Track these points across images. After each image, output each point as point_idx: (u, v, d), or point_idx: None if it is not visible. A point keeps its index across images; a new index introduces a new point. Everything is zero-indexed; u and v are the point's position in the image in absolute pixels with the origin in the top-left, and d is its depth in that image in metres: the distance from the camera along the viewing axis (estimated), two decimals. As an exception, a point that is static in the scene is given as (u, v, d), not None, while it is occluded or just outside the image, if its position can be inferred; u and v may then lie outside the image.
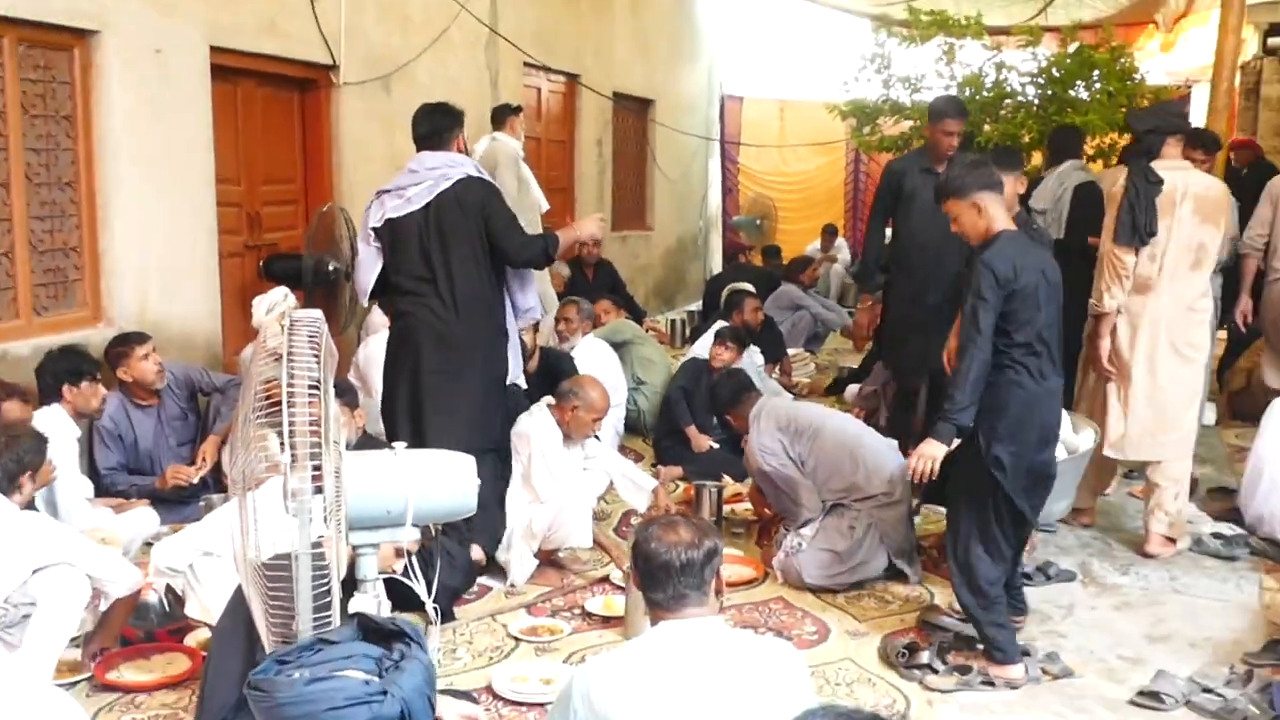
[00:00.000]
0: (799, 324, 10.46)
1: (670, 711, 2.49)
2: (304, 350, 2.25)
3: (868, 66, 11.67)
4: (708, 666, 2.56)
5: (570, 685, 2.62)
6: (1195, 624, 4.78)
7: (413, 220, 4.93)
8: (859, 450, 5.20)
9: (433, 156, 5.05)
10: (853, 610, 4.88)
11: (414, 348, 4.95)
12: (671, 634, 2.62)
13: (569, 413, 5.11)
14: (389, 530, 2.42)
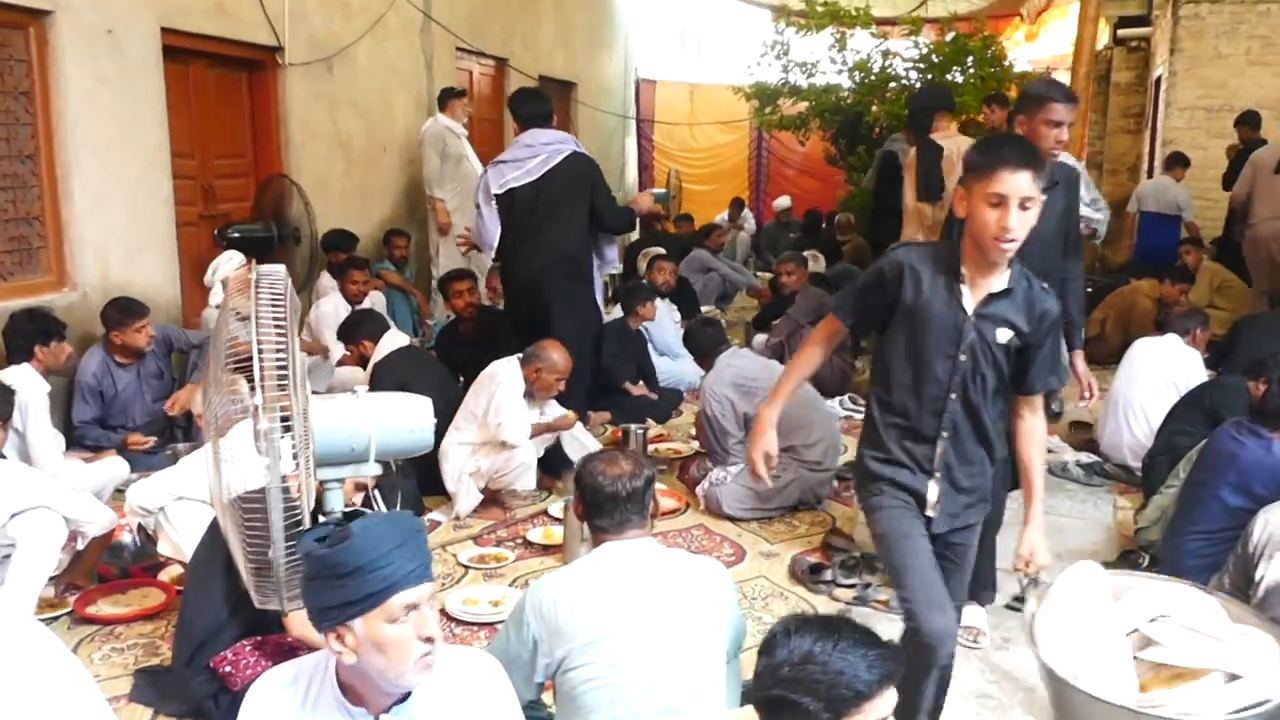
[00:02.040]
0: (709, 284, 10.50)
1: (616, 617, 2.52)
2: (270, 301, 2.22)
3: (768, 53, 11.74)
4: (647, 579, 2.60)
5: (523, 600, 2.63)
6: (1060, 539, 4.91)
7: (530, 188, 5.52)
8: (806, 417, 5.21)
9: (544, 133, 5.63)
10: (765, 534, 4.95)
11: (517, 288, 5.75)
12: (615, 552, 2.64)
13: (534, 374, 5.06)
14: (353, 466, 2.40)
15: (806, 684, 1.96)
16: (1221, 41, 10.80)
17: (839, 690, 1.92)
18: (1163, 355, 5.72)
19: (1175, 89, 11.03)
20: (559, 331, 5.43)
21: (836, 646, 1.98)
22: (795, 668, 1.98)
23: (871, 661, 1.95)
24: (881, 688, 1.95)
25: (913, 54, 10.84)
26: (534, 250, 5.63)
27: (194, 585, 3.37)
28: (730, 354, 5.39)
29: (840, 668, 1.94)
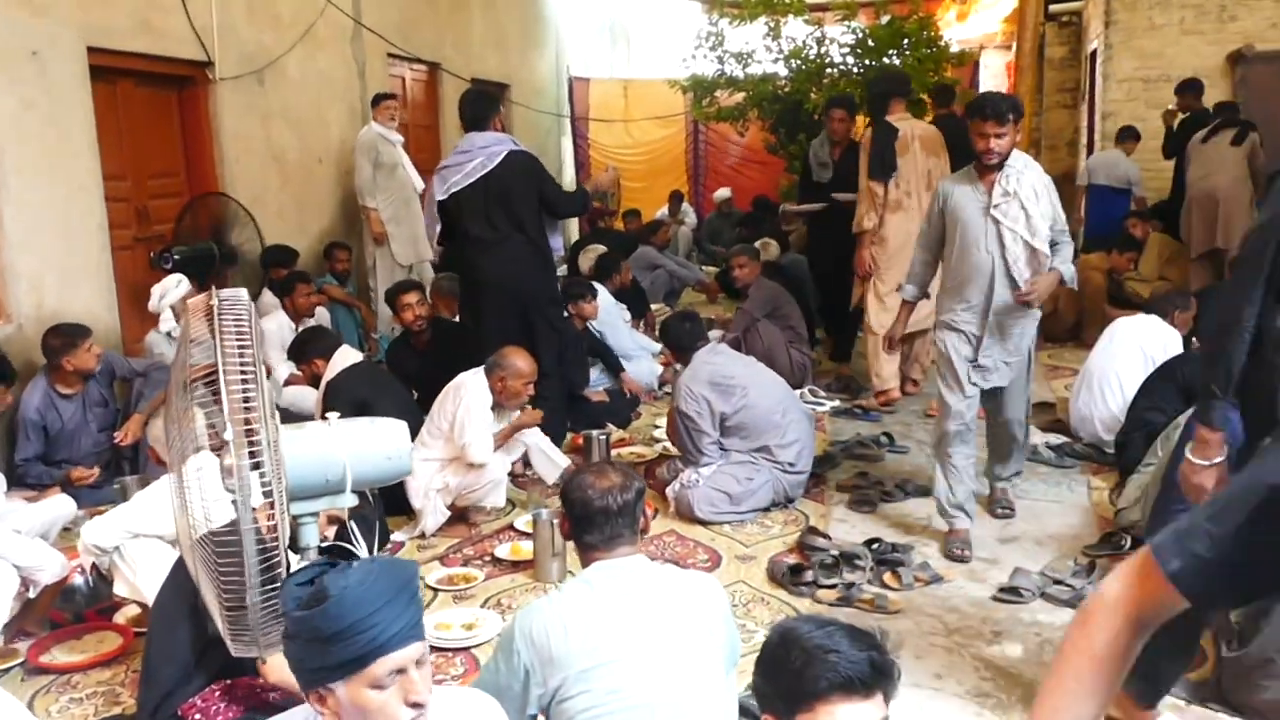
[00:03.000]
0: (657, 281, 10.43)
1: (613, 642, 2.43)
2: (234, 327, 2.10)
3: (703, 45, 11.69)
4: (642, 599, 2.51)
5: (512, 629, 2.53)
6: (1039, 524, 4.90)
7: (475, 191, 5.57)
8: (783, 418, 5.16)
9: (480, 136, 5.67)
10: (738, 537, 4.87)
11: (484, 289, 5.70)
12: (607, 573, 2.55)
13: (499, 383, 4.93)
14: (328, 498, 2.28)
15: (782, 663, 1.92)
16: (1155, 12, 10.91)
17: (813, 669, 1.87)
18: (1143, 332, 5.71)
19: (1112, 61, 11.12)
20: (538, 334, 5.60)
21: (824, 629, 1.93)
22: (776, 647, 1.97)
23: (858, 657, 1.89)
24: (858, 690, 1.88)
25: (849, 39, 10.83)
26: (499, 253, 5.64)
27: (158, 629, 3.22)
28: (709, 350, 5.30)
29: (823, 643, 1.90)
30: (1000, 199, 4.48)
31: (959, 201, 4.58)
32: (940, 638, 3.82)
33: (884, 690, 1.92)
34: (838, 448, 5.98)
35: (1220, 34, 10.81)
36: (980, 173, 4.54)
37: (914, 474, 5.56)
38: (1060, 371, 7.66)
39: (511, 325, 5.63)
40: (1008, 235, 4.47)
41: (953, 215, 4.60)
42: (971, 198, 4.55)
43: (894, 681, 1.94)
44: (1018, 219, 4.47)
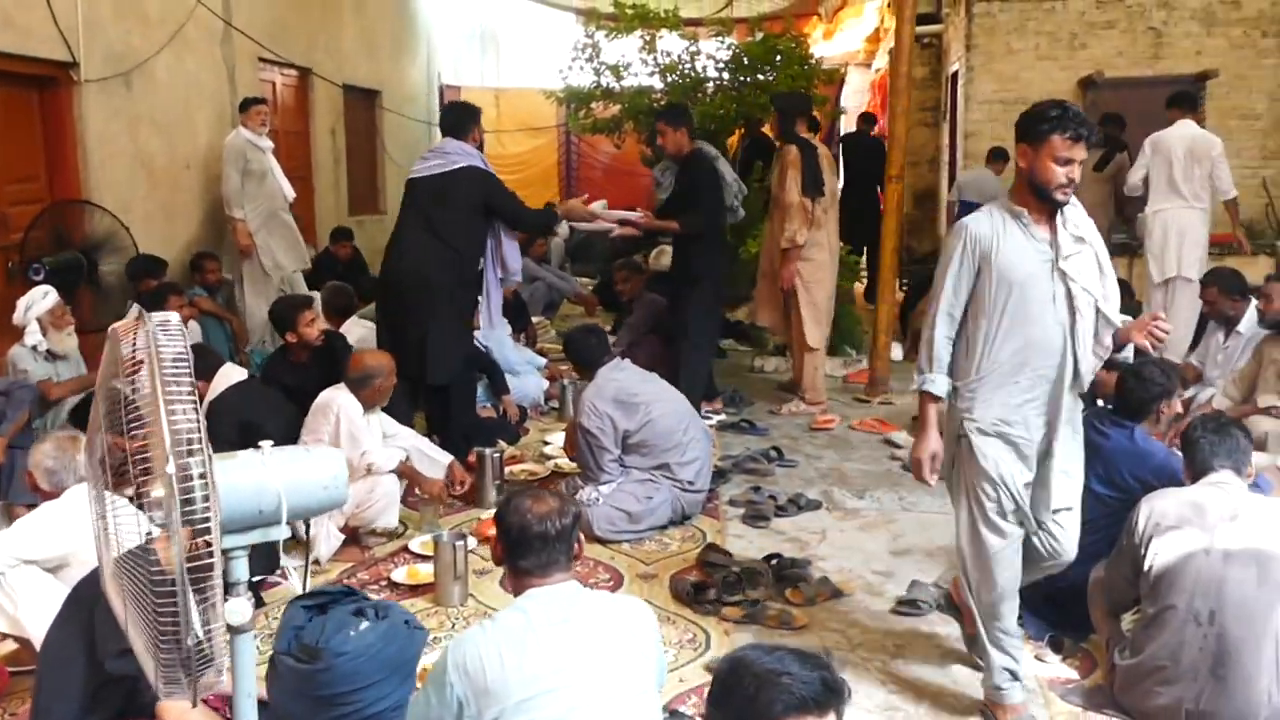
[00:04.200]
0: (536, 293, 10.39)
1: (550, 670, 2.40)
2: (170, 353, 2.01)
3: (579, 56, 11.67)
4: (577, 626, 2.48)
5: (443, 660, 2.47)
6: (927, 536, 5.04)
7: (428, 186, 5.79)
8: (684, 436, 5.20)
9: (452, 143, 5.90)
10: (638, 555, 4.88)
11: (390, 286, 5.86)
12: (542, 600, 2.52)
13: (373, 393, 4.84)
14: (261, 530, 2.19)
15: (734, 691, 1.92)
16: (1012, 38, 11.38)
17: (767, 694, 1.88)
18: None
19: (973, 84, 11.55)
20: (432, 342, 5.68)
21: (773, 654, 1.95)
22: (727, 675, 1.97)
23: (810, 678, 1.90)
24: (812, 710, 1.90)
25: (724, 54, 10.97)
26: (414, 254, 5.77)
27: (50, 668, 3.06)
28: (612, 366, 5.28)
29: (774, 668, 1.91)
30: (1072, 248, 3.35)
31: (1010, 254, 3.33)
32: (845, 653, 3.90)
33: (836, 708, 1.94)
34: (728, 462, 6.05)
35: (1072, 60, 11.34)
36: (1035, 212, 3.35)
37: (805, 487, 5.65)
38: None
39: (414, 319, 5.72)
40: (1081, 299, 3.33)
41: (1002, 273, 3.33)
42: (1027, 247, 3.34)
43: (845, 699, 1.97)
44: (1091, 277, 3.36)
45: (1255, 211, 10.20)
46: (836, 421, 6.90)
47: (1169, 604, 3.32)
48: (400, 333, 5.73)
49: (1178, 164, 7.69)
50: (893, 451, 6.27)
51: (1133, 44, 11.26)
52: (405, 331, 5.71)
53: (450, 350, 5.81)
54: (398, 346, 5.52)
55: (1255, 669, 3.24)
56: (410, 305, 5.74)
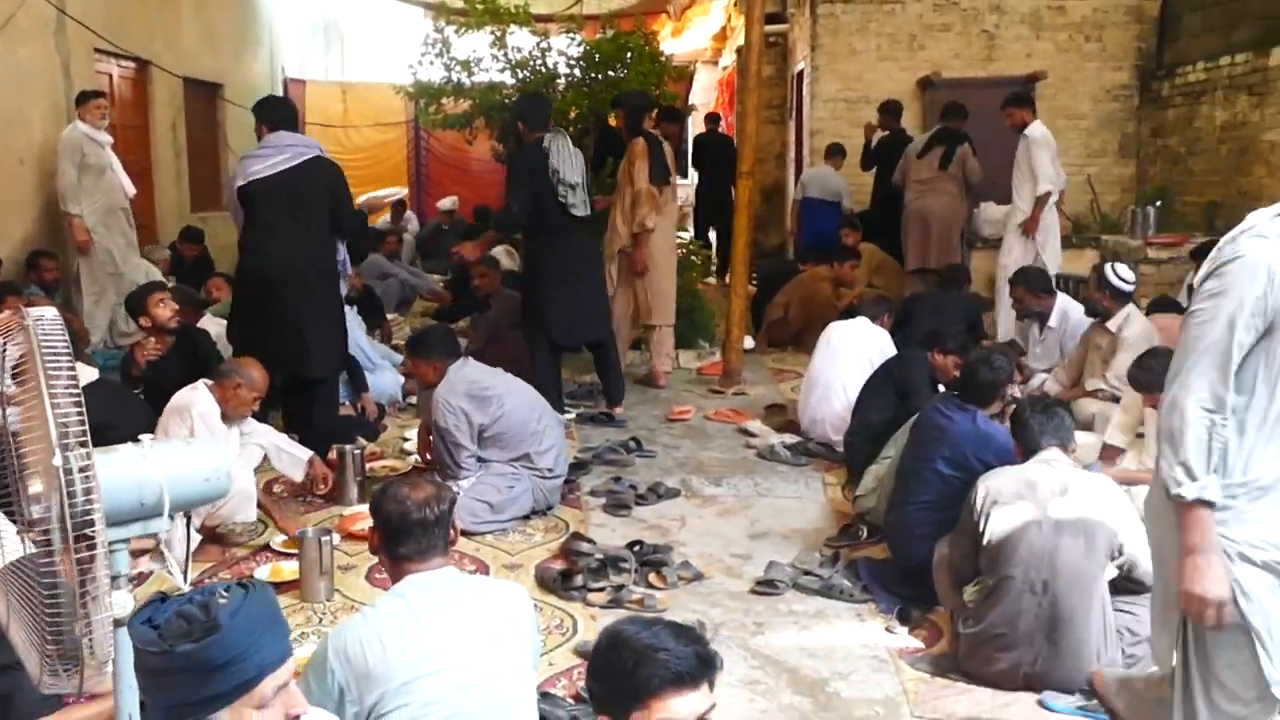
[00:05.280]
0: (389, 290, 10.34)
1: (430, 654, 2.48)
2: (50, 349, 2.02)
3: (429, 51, 11.62)
4: (456, 610, 2.57)
5: (324, 648, 2.53)
6: (782, 520, 5.26)
7: (276, 183, 5.63)
8: (539, 424, 5.28)
9: (289, 135, 5.84)
10: (502, 546, 4.95)
11: (266, 280, 5.68)
12: (420, 585, 2.60)
13: (230, 391, 4.78)
14: (142, 523, 2.21)
15: (614, 666, 2.03)
16: (855, 39, 11.80)
17: (644, 669, 2.00)
18: (857, 335, 6.24)
19: (818, 82, 11.94)
20: (310, 334, 5.69)
21: (650, 629, 2.07)
22: (606, 650, 2.08)
23: (685, 652, 2.03)
24: (687, 683, 2.02)
25: (575, 51, 11.08)
26: (286, 246, 5.69)
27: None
28: (460, 364, 5.33)
29: (651, 643, 2.02)
30: None
31: None
32: (708, 632, 4.06)
33: (709, 679, 2.08)
34: (589, 454, 6.17)
35: (911, 61, 11.82)
36: None
37: (664, 476, 5.82)
38: (786, 374, 8.20)
39: (293, 313, 5.68)
40: None
41: None
42: None
43: (717, 669, 2.11)
44: None
45: (1081, 207, 10.82)
46: (692, 413, 7.09)
47: (1006, 575, 3.58)
48: (276, 329, 5.61)
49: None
50: (747, 440, 6.49)
51: (968, 46, 11.81)
52: (282, 327, 5.61)
53: (332, 343, 5.91)
54: (271, 343, 5.47)
55: (1085, 632, 3.52)
56: (290, 299, 5.67)
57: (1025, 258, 8.04)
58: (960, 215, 9.25)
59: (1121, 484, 4.53)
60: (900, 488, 4.50)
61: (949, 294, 7.60)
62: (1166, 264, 8.65)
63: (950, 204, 9.15)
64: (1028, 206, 8.10)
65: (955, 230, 9.19)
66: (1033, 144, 8.08)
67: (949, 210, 9.15)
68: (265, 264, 5.71)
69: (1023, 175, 8.14)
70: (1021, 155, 8.15)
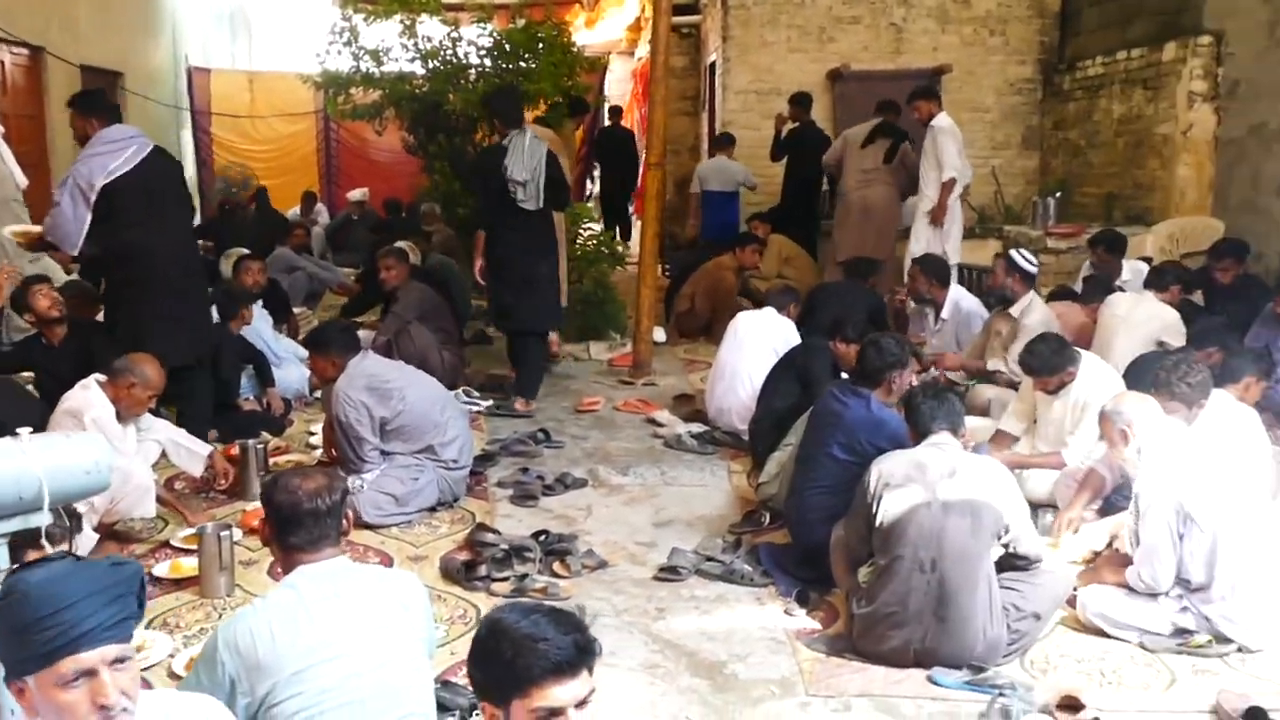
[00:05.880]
0: (296, 283, 10.21)
1: (321, 643, 2.51)
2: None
3: (336, 40, 11.50)
4: (347, 599, 2.60)
5: (214, 640, 2.55)
6: (688, 508, 5.34)
7: (135, 178, 5.61)
8: (442, 415, 5.29)
9: (123, 128, 5.81)
10: (407, 538, 4.97)
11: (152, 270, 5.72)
12: (312, 576, 2.62)
13: (124, 390, 4.72)
14: (21, 517, 2.21)
15: (494, 655, 2.08)
16: (766, 31, 11.96)
17: (524, 659, 2.04)
18: (763, 325, 6.36)
19: (730, 74, 12.07)
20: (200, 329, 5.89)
21: (529, 617, 2.12)
22: (487, 638, 2.11)
23: (564, 642, 2.08)
24: (567, 672, 2.07)
25: (486, 41, 11.04)
26: (168, 240, 5.80)
27: None
28: (360, 357, 5.32)
29: (531, 632, 2.07)
30: None
31: None
32: (610, 618, 4.13)
33: (589, 665, 2.14)
34: (496, 446, 6.20)
35: (821, 53, 12.01)
36: None
37: (572, 466, 5.87)
38: (696, 365, 8.29)
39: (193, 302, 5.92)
40: None
41: None
42: None
43: (596, 656, 2.17)
44: None
45: (986, 198, 11.09)
46: (601, 404, 7.15)
47: (897, 555, 3.70)
48: (180, 318, 5.79)
49: None
50: (655, 430, 6.57)
51: (876, 39, 12.03)
52: (184, 316, 5.80)
53: (214, 327, 6.20)
54: (177, 335, 5.66)
55: (971, 609, 3.65)
56: (191, 289, 5.89)
57: (932, 245, 8.24)
58: (898, 210, 9.39)
59: (1013, 468, 4.72)
60: (799, 473, 4.61)
61: (854, 284, 7.75)
62: (1066, 254, 8.91)
63: (892, 197, 9.28)
64: (935, 194, 8.28)
65: (894, 224, 9.34)
66: (939, 134, 8.28)
67: (891, 203, 9.29)
68: (160, 256, 5.73)
69: (929, 165, 8.34)
70: (928, 146, 8.35)
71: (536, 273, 7.01)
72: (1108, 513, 4.72)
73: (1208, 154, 9.02)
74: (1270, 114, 8.39)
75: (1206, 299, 7.24)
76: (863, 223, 9.27)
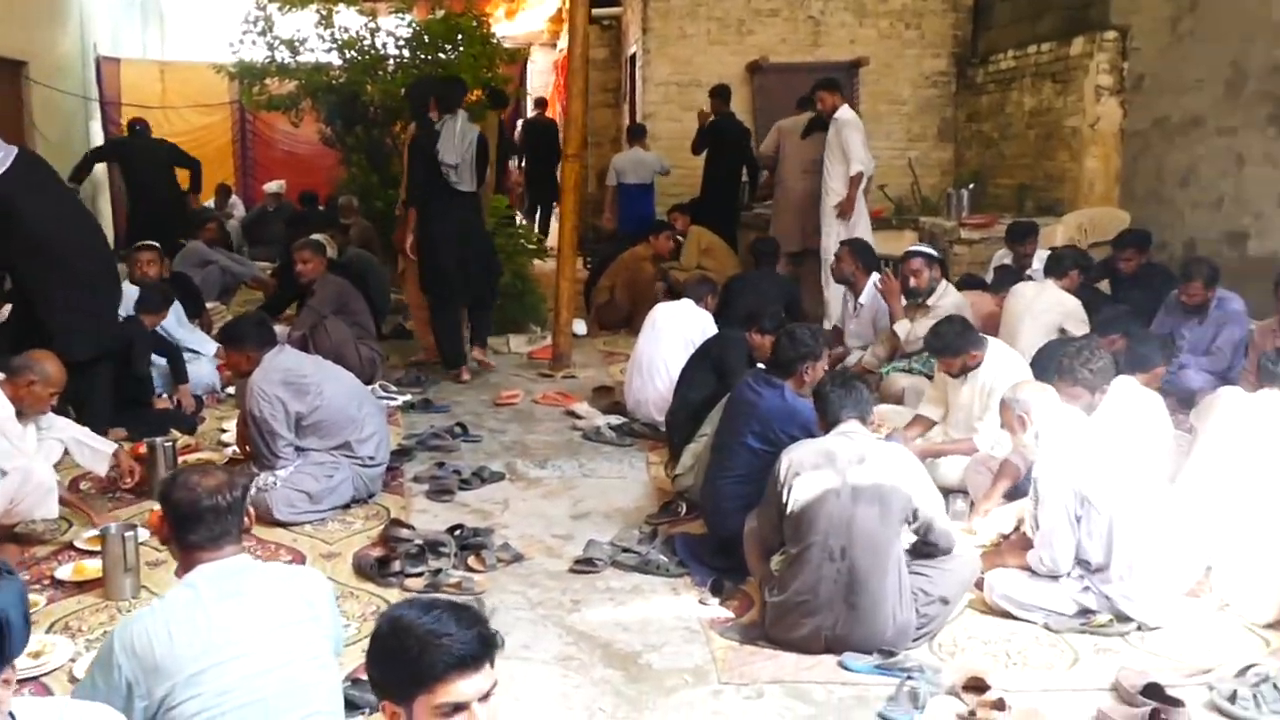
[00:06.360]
0: (209, 278, 10.00)
1: (222, 643, 2.47)
2: None
3: (251, 30, 11.32)
4: (249, 597, 2.56)
5: (110, 643, 2.50)
6: (606, 500, 5.36)
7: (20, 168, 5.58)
8: (359, 411, 5.24)
9: None
10: (321, 535, 4.90)
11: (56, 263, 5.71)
12: (212, 574, 2.58)
13: (24, 389, 4.60)
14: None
15: (396, 653, 2.07)
16: (685, 23, 12.00)
17: (429, 655, 2.04)
18: (681, 317, 6.39)
19: (650, 66, 12.10)
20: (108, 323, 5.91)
21: (431, 613, 2.12)
22: (387, 637, 2.12)
23: (468, 636, 2.09)
24: (471, 666, 2.07)
25: (405, 32, 10.94)
26: (73, 232, 5.80)
27: None
28: (275, 351, 5.24)
29: (434, 628, 2.07)
30: None
31: None
32: (525, 611, 4.12)
33: (491, 658, 2.14)
34: (413, 440, 6.15)
35: (740, 45, 12.09)
36: None
37: (489, 460, 5.85)
38: (616, 357, 8.29)
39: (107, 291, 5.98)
40: None
41: None
42: None
43: (498, 648, 2.18)
44: None
45: (903, 190, 11.24)
46: (520, 397, 7.13)
47: (808, 543, 3.74)
48: (87, 311, 5.80)
49: None
50: (574, 422, 6.57)
51: (794, 31, 12.13)
52: (91, 310, 5.82)
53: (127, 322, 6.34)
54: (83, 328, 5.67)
55: (881, 595, 3.71)
56: (100, 283, 5.95)
57: (840, 239, 8.30)
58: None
59: (926, 457, 4.81)
60: (714, 463, 4.63)
61: (767, 274, 7.81)
62: (979, 244, 9.06)
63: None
64: (842, 188, 8.30)
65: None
66: (843, 127, 8.31)
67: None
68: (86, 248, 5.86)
69: (835, 159, 8.34)
70: (833, 139, 8.36)
71: (473, 250, 7.53)
72: (1016, 498, 4.82)
73: (1114, 146, 9.24)
74: (1173, 107, 8.61)
75: (1112, 287, 7.43)
76: (805, 214, 9.26)
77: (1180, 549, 4.05)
